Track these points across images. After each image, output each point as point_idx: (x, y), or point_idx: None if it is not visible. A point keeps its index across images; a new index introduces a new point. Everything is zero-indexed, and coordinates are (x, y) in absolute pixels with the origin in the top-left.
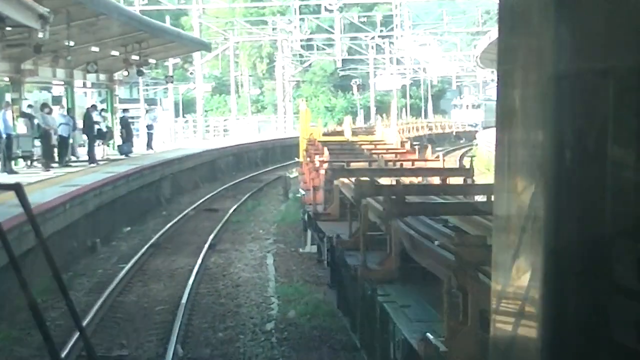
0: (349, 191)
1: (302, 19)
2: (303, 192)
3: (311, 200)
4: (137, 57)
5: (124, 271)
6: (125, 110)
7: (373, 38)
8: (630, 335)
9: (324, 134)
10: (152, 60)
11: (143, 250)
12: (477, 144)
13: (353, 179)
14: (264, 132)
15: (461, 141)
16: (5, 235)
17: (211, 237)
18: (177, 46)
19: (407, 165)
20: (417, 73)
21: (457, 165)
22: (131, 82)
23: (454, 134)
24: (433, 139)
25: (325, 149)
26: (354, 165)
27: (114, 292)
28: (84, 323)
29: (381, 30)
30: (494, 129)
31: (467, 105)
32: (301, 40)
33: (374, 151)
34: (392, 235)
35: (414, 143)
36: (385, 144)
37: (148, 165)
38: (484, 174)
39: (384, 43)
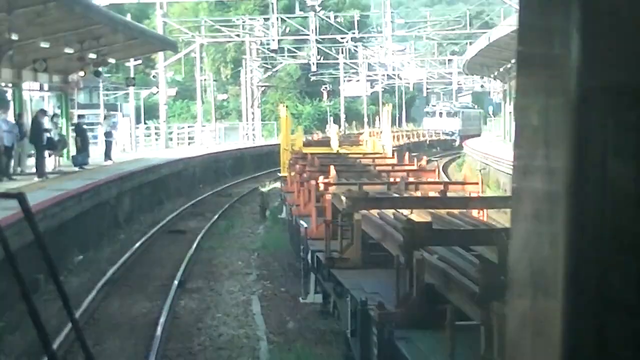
0: (375, 230)
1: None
2: (304, 224)
3: (314, 233)
4: (94, 56)
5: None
6: (80, 117)
7: (347, 41)
8: None
9: (305, 144)
10: (111, 60)
11: (97, 288)
12: (464, 154)
13: (375, 212)
14: (231, 140)
15: (434, 150)
16: (4, 235)
17: (180, 270)
18: (140, 44)
19: (429, 187)
20: (392, 79)
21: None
22: (91, 87)
23: (427, 142)
24: (411, 148)
25: (332, 167)
26: (367, 188)
27: (54, 357)
28: None
29: (353, 33)
30: (475, 138)
31: (441, 113)
32: (273, 41)
33: (378, 168)
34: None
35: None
36: (384, 157)
37: (105, 179)
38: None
39: (356, 47)
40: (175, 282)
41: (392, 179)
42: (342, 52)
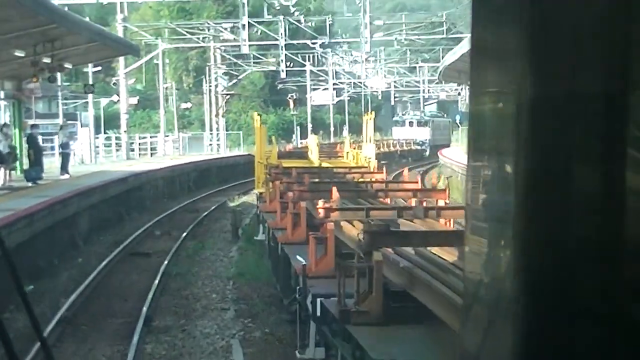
0: (399, 275)
1: (238, 25)
2: (301, 260)
3: (314, 271)
4: (49, 60)
5: None
6: (34, 126)
7: (317, 47)
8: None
9: (280, 156)
10: (68, 65)
11: (48, 329)
12: (441, 164)
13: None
14: (195, 151)
15: (404, 160)
16: None
17: (145, 303)
18: (100, 48)
19: (451, 213)
20: (358, 87)
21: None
22: (49, 95)
23: (398, 152)
24: (381, 158)
25: (334, 189)
26: (376, 214)
27: None
28: None
29: (323, 38)
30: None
31: (411, 122)
32: (244, 45)
33: (376, 186)
34: None
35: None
36: (373, 172)
37: (60, 196)
38: None
39: (326, 53)
40: (141, 320)
41: (387, 200)
42: (310, 60)
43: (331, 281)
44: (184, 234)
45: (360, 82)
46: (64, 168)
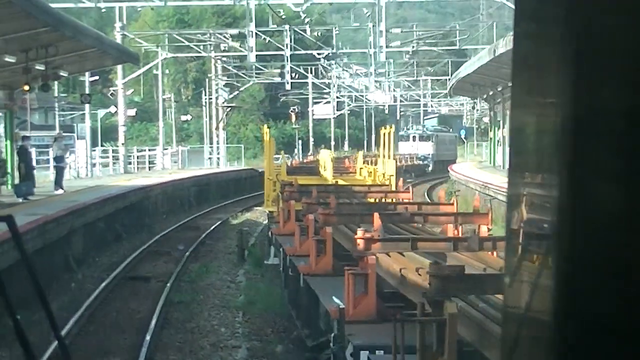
0: (470, 329)
1: (241, 36)
2: (338, 302)
3: (353, 314)
4: (42, 67)
5: None
6: (25, 138)
7: (322, 58)
8: None
9: (289, 173)
10: (63, 73)
11: None
12: (454, 180)
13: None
14: (194, 165)
15: (407, 175)
16: None
17: (145, 338)
18: (98, 55)
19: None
20: (360, 101)
21: None
22: (46, 107)
23: (404, 168)
24: None
25: (376, 216)
26: (424, 246)
27: None
28: None
29: (328, 49)
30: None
31: (414, 137)
32: (252, 53)
33: (410, 209)
34: None
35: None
36: (398, 192)
37: (53, 215)
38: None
39: (330, 65)
40: (141, 359)
41: (414, 225)
42: (312, 72)
43: (373, 327)
44: (187, 254)
45: (362, 96)
46: (57, 183)
